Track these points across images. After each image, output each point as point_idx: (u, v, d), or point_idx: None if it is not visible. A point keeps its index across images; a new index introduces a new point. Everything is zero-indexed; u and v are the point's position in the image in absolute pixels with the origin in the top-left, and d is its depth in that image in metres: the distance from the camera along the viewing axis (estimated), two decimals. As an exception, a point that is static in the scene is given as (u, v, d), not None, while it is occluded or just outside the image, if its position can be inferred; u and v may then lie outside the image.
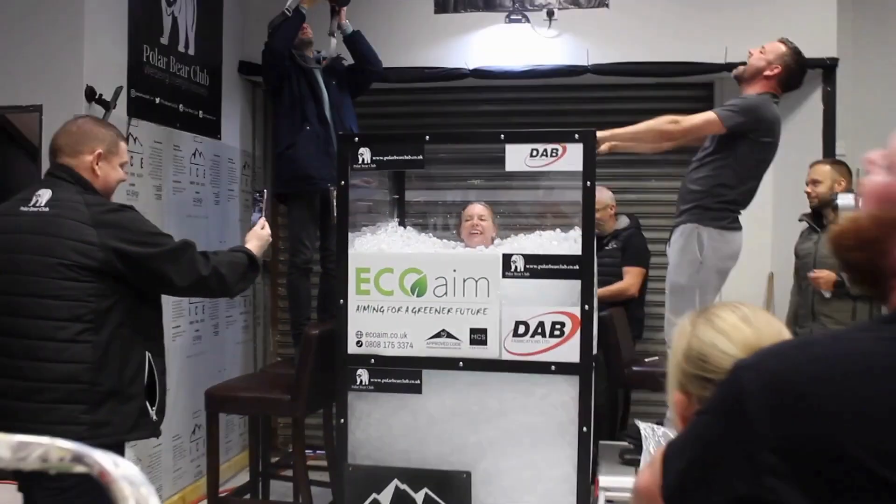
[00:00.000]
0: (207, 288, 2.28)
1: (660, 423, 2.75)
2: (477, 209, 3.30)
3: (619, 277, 4.05)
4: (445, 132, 4.03)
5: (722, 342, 1.12)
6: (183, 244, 2.20)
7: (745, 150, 2.95)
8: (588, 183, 2.58)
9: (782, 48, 3.02)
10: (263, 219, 2.58)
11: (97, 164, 2.18)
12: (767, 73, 2.99)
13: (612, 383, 3.78)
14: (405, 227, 3.16)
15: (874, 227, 0.83)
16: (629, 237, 4.11)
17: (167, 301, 3.49)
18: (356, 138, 2.82)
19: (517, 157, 2.64)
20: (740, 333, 1.12)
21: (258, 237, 2.52)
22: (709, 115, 2.94)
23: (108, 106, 3.13)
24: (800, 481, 0.71)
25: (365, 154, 2.76)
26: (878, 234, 0.82)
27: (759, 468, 0.74)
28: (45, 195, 2.10)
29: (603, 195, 3.97)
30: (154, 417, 2.24)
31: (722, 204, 2.97)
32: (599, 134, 2.73)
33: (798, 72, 3.04)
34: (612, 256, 4.07)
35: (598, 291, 3.63)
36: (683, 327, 1.19)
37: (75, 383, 2.04)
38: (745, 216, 3.10)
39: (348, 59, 3.86)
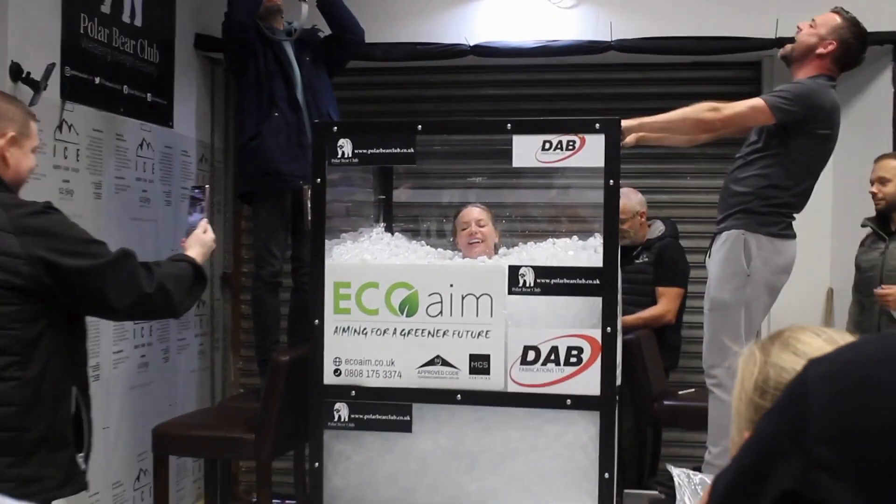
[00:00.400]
0: (151, 309, 2.21)
1: (696, 469, 2.75)
2: (474, 213, 3.32)
3: (651, 298, 4.02)
4: (441, 120, 4.06)
5: None
6: (122, 254, 2.13)
7: (799, 145, 2.96)
8: (611, 181, 2.60)
9: (836, 20, 3.04)
10: (205, 220, 2.53)
11: (8, 150, 2.10)
12: (820, 50, 3.01)
13: (640, 421, 3.78)
14: (393, 234, 3.17)
15: None
16: (664, 249, 4.06)
17: (107, 321, 3.50)
18: (335, 127, 2.83)
19: (526, 150, 2.65)
20: (812, 346, 1.13)
21: (201, 243, 2.46)
22: (756, 103, 2.96)
23: (37, 87, 3.14)
24: (855, 481, 0.73)
25: (345, 146, 2.77)
26: None
27: (811, 463, 0.76)
28: None
29: (630, 201, 3.96)
30: (82, 467, 2.16)
31: (773, 207, 2.99)
32: (625, 123, 2.75)
33: (857, 47, 3.05)
34: (644, 272, 4.03)
35: (628, 319, 3.66)
36: (751, 356, 1.19)
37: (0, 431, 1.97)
38: (798, 221, 3.12)
39: (325, 30, 3.88)
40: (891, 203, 3.65)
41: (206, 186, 2.71)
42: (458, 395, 2.67)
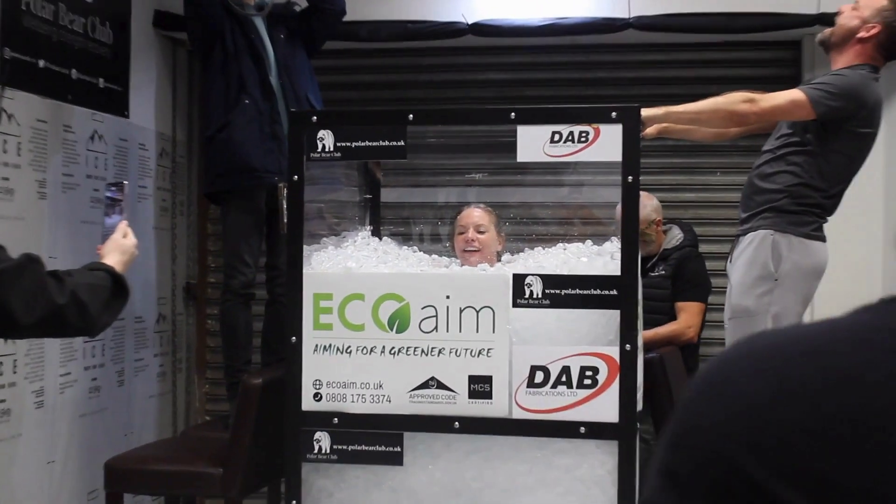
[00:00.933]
0: (62, 324, 2.15)
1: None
2: (474, 216, 3.32)
3: (668, 314, 4.03)
4: (435, 109, 4.06)
5: None
6: (26, 260, 2.09)
7: (837, 144, 3.00)
8: (630, 178, 2.61)
9: (882, 1, 3.06)
10: (125, 223, 2.51)
11: None
12: (862, 34, 3.04)
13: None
14: (381, 239, 3.18)
15: None
16: (683, 260, 4.06)
17: (52, 339, 3.49)
18: (314, 116, 2.84)
19: (533, 143, 2.66)
20: None
21: (120, 249, 2.43)
22: (796, 97, 2.98)
23: (-27, 72, 3.14)
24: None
25: (326, 138, 2.78)
26: None
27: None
28: None
29: (644, 208, 3.91)
30: None
31: (805, 207, 3.04)
32: (645, 112, 2.76)
33: None
34: (660, 287, 4.04)
35: (646, 334, 3.66)
36: None
37: None
38: (841, 225, 3.15)
39: (302, 3, 3.89)
40: None
41: (124, 183, 2.68)
42: (456, 423, 2.67)
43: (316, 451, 2.74)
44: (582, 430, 2.61)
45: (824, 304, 3.53)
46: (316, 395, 2.75)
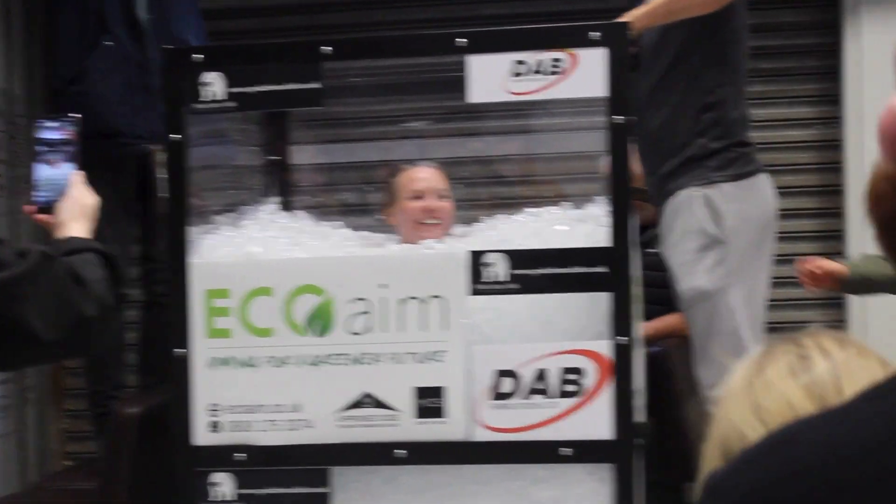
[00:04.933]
0: (88, 341, 2.11)
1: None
2: (431, 177, 3.31)
3: (668, 305, 4.03)
4: (359, 38, 4.05)
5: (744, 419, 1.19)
6: (41, 258, 2.01)
7: (725, 37, 3.12)
8: (620, 118, 2.62)
9: None
10: (78, 174, 2.31)
11: None
12: None
13: (673, 475, 3.82)
14: (292, 212, 3.16)
15: None
16: None
17: None
18: (197, 54, 2.82)
19: (490, 77, 2.67)
20: (778, 398, 1.18)
21: (84, 212, 2.29)
22: None
23: None
24: None
25: (215, 83, 2.77)
26: None
27: None
28: None
29: (639, 164, 3.97)
30: None
31: (721, 140, 3.14)
32: (633, 17, 2.83)
33: None
34: (659, 268, 4.02)
35: (645, 327, 3.69)
36: (733, 386, 1.24)
37: None
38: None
39: None
40: None
41: (77, 116, 2.43)
42: (400, 451, 2.66)
43: (215, 497, 2.72)
44: (566, 451, 2.61)
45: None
46: (213, 424, 2.73)
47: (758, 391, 1.20)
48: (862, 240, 3.64)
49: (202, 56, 2.80)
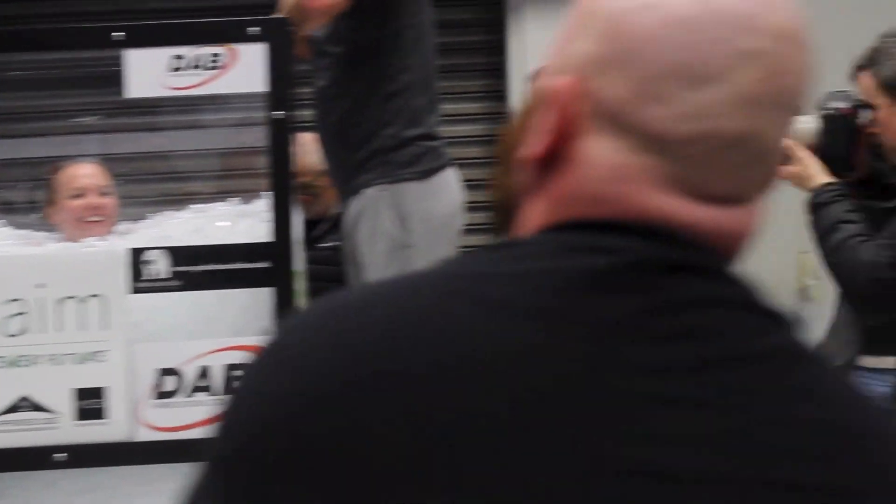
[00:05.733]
0: None
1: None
2: (91, 174, 3.30)
3: None
4: (13, 30, 3.93)
5: None
6: None
7: (401, 22, 3.11)
8: (280, 113, 2.68)
9: None
10: None
11: None
12: None
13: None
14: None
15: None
16: None
17: None
18: None
19: (148, 71, 2.68)
20: None
21: None
22: None
23: None
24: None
25: None
26: None
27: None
28: None
29: (308, 154, 3.89)
30: None
31: (407, 129, 3.15)
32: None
33: None
34: (331, 262, 3.96)
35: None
36: None
37: None
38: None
39: None
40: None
41: None
42: (59, 455, 2.65)
43: None
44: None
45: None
46: None
47: None
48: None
49: None
